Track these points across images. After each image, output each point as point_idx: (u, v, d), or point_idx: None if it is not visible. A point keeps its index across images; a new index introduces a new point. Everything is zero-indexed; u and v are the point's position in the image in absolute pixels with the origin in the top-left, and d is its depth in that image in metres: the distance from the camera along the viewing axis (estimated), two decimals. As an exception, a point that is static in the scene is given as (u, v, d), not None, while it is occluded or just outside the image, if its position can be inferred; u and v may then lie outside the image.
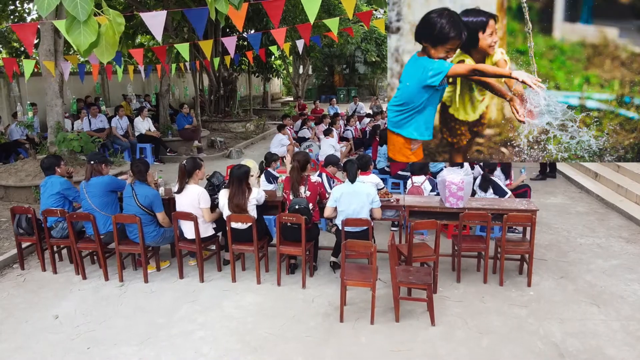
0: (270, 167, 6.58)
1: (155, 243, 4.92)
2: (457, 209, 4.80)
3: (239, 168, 4.79)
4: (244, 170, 4.78)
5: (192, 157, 4.94)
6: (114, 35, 1.93)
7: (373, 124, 11.83)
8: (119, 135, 10.89)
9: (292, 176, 4.91)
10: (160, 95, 12.51)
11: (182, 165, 4.81)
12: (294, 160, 4.93)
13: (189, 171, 4.80)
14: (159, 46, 11.65)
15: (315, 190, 4.89)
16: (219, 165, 10.76)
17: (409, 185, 6.06)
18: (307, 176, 4.92)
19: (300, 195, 4.82)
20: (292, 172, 4.94)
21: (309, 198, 4.81)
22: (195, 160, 4.88)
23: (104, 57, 1.90)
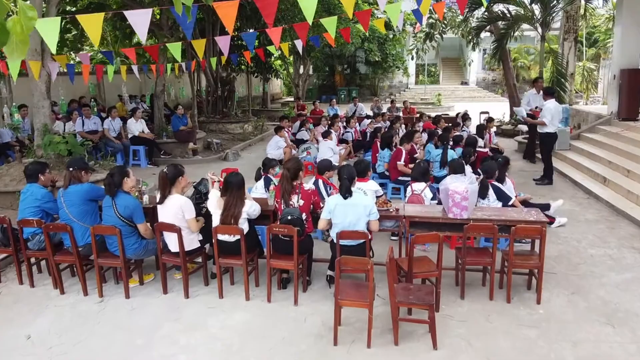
0: (268, 173, 6.27)
1: (137, 256, 4.60)
2: (461, 220, 4.46)
3: (236, 175, 4.47)
4: (240, 177, 4.49)
5: (174, 164, 4.61)
6: (22, 32, 1.59)
7: (374, 126, 11.50)
8: (112, 137, 10.58)
9: (283, 185, 4.57)
10: (155, 96, 12.21)
11: (164, 174, 4.48)
12: (284, 168, 4.60)
13: (170, 179, 4.47)
14: (152, 45, 11.35)
15: (308, 198, 4.56)
16: (214, 168, 10.44)
17: (409, 193, 5.73)
18: (300, 184, 4.59)
19: (293, 204, 4.49)
20: (282, 181, 4.60)
21: (302, 208, 4.49)
22: (177, 167, 4.55)
23: (13, 56, 1.58)
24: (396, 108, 15.05)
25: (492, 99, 28.89)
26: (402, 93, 30.70)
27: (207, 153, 12.10)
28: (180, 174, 4.51)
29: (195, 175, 10.16)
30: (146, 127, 11.04)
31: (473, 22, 15.50)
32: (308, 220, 4.54)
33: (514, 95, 15.31)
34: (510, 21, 12.00)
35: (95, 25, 5.26)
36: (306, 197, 4.54)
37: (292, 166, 4.58)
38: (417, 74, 33.28)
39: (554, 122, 8.81)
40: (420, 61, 24.07)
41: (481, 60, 32.37)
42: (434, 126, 10.31)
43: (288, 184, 4.53)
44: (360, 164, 5.56)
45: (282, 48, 10.61)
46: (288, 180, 4.54)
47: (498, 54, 13.66)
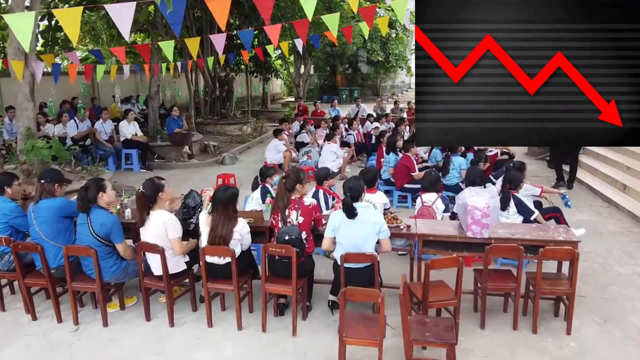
0: (266, 182, 5.75)
1: (116, 279, 4.09)
2: (481, 240, 3.96)
3: (225, 190, 3.94)
4: (231, 193, 3.94)
5: (151, 179, 4.07)
6: None
7: (380, 129, 10.97)
8: (103, 140, 10.09)
9: (280, 200, 4.05)
10: (149, 97, 11.70)
11: (140, 193, 3.96)
12: (281, 179, 4.10)
13: (149, 197, 3.96)
14: (143, 44, 10.84)
15: (309, 215, 4.05)
16: (210, 173, 9.95)
17: (418, 205, 5.21)
18: (300, 198, 4.07)
19: (291, 222, 3.98)
20: (279, 194, 4.08)
21: (301, 225, 3.97)
22: (154, 182, 4.01)
23: None
24: (400, 109, 14.52)
25: (497, 99, 28.31)
26: (404, 93, 30.15)
27: (203, 156, 11.59)
28: (159, 190, 3.98)
29: (191, 180, 9.75)
30: (139, 129, 10.54)
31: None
32: (309, 240, 4.03)
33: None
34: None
35: (72, 20, 4.76)
36: (306, 213, 4.03)
37: (291, 178, 4.06)
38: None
39: None
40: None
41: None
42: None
43: (286, 198, 4.02)
44: (368, 173, 5.06)
45: (281, 47, 10.12)
46: (286, 193, 4.03)
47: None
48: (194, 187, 9.06)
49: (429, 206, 5.04)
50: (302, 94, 23.46)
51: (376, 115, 13.34)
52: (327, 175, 5.37)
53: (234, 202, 3.92)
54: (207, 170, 10.39)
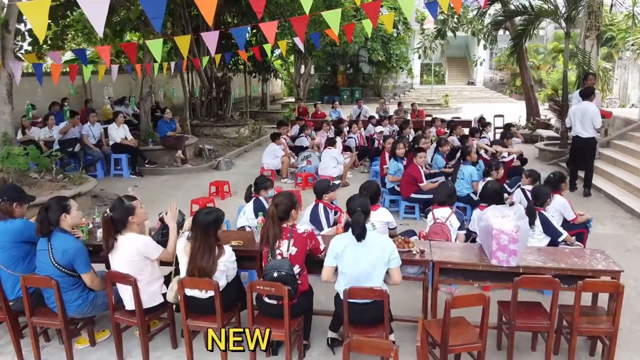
0: (260, 194, 5.20)
1: (83, 314, 3.53)
2: (507, 268, 3.40)
3: (208, 213, 3.37)
4: (214, 216, 3.36)
5: (120, 200, 3.49)
6: None
7: (383, 132, 10.41)
8: (91, 144, 9.53)
9: (269, 228, 3.43)
10: (141, 99, 11.14)
11: (107, 217, 3.40)
12: (271, 204, 3.50)
13: (117, 221, 3.39)
14: (129, 43, 10.28)
15: (303, 245, 3.44)
16: (204, 178, 9.39)
17: (430, 221, 4.64)
18: (293, 225, 3.49)
19: (282, 254, 3.39)
20: (268, 222, 3.46)
21: (294, 258, 3.37)
22: (124, 204, 3.42)
23: None
24: (404, 110, 13.95)
25: (501, 100, 27.77)
26: (406, 93, 29.58)
27: (198, 161, 11.03)
28: (129, 213, 3.40)
29: (184, 187, 9.17)
30: (129, 132, 9.98)
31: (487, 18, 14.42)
32: (303, 274, 3.45)
33: (531, 97, 14.23)
34: (532, 16, 10.92)
35: (39, 14, 4.22)
36: (300, 242, 3.42)
37: (283, 204, 3.45)
38: (422, 74, 32.17)
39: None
40: (428, 60, 22.94)
41: (489, 60, 31.23)
42: (443, 132, 9.24)
43: (276, 227, 3.40)
44: (369, 188, 4.51)
45: (280, 46, 9.57)
46: (276, 221, 3.42)
47: (516, 52, 12.56)
48: (187, 194, 8.58)
49: (442, 223, 4.48)
50: (302, 94, 22.90)
51: (379, 117, 12.78)
52: (328, 187, 4.82)
53: (217, 228, 3.36)
54: (200, 175, 9.83)
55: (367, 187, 4.59)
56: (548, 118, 13.94)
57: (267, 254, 3.40)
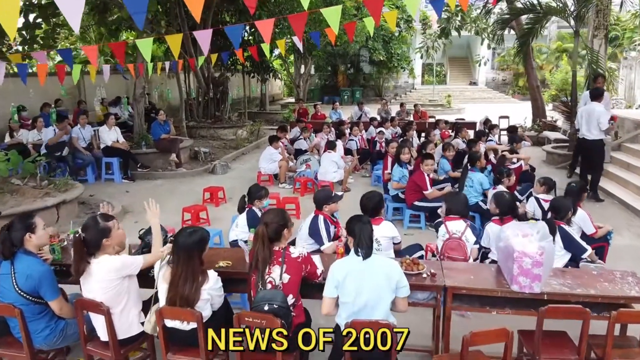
0: (254, 204, 4.80)
1: (51, 345, 3.13)
2: (530, 295, 3.01)
3: (191, 234, 2.97)
4: (198, 237, 2.96)
5: (94, 220, 3.08)
6: None
7: (385, 135, 10.02)
8: (81, 147, 9.14)
9: (258, 254, 2.99)
10: (134, 100, 10.75)
11: (78, 238, 3.00)
12: (261, 222, 3.09)
13: (90, 243, 3.00)
14: (118, 42, 9.90)
15: (298, 271, 3.01)
16: (199, 184, 8.99)
17: (443, 234, 4.23)
18: (286, 248, 3.07)
19: (273, 282, 2.96)
20: (256, 243, 3.02)
21: (287, 286, 2.95)
22: (98, 225, 3.02)
23: None
24: (407, 111, 13.55)
25: (503, 100, 27.36)
26: (407, 94, 29.17)
27: (193, 164, 10.63)
28: (104, 235, 3.01)
29: (177, 192, 8.72)
30: (121, 135, 9.59)
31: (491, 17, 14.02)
32: (298, 304, 3.05)
33: (538, 97, 13.83)
34: (540, 14, 10.52)
35: (9, 10, 3.84)
36: (294, 269, 2.99)
37: (274, 223, 3.03)
38: (423, 74, 31.76)
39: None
40: (431, 59, 22.51)
41: (491, 60, 30.81)
42: (448, 135, 8.85)
43: (266, 250, 2.97)
44: (371, 199, 4.13)
45: (278, 45, 9.18)
46: (266, 243, 2.98)
47: (522, 51, 12.16)
48: (180, 200, 8.19)
49: (458, 238, 4.08)
50: (302, 94, 22.51)
51: (380, 119, 12.38)
52: (328, 198, 4.42)
53: (202, 251, 2.97)
54: (195, 180, 9.44)
55: (370, 197, 4.21)
56: (554, 119, 13.54)
57: (256, 282, 2.99)
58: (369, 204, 4.14)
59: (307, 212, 7.13)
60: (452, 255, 3.94)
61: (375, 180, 8.88)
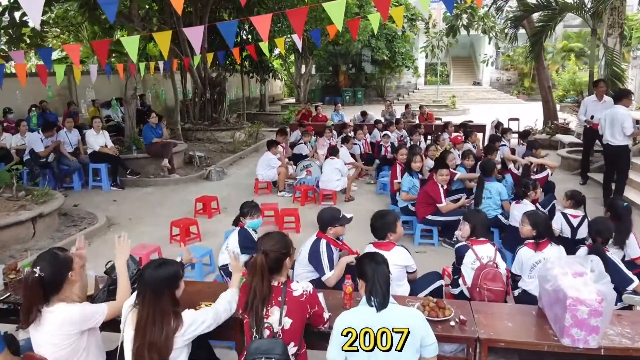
0: (245, 224, 4.23)
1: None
2: (584, 350, 2.42)
3: (159, 268, 2.40)
4: (169, 271, 2.40)
5: (51, 254, 2.51)
6: None
7: (390, 138, 9.43)
8: (67, 153, 8.55)
9: (253, 286, 2.43)
10: (125, 102, 10.17)
11: (35, 279, 2.41)
12: (258, 250, 2.52)
13: (50, 284, 2.42)
14: (101, 40, 9.32)
15: (301, 312, 2.46)
16: (193, 191, 8.41)
17: (471, 262, 3.60)
18: (287, 283, 2.51)
19: (271, 327, 2.39)
20: (251, 276, 2.46)
21: (288, 333, 2.39)
22: (57, 258, 2.46)
23: None
24: (412, 113, 12.95)
25: (508, 101, 26.73)
26: (410, 94, 28.56)
27: (187, 169, 10.06)
28: (67, 269, 2.45)
29: (169, 202, 7.97)
30: (109, 139, 9.00)
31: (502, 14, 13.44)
32: (301, 353, 2.47)
33: (549, 99, 13.24)
34: (555, 11, 9.94)
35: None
36: (297, 311, 2.43)
37: (273, 249, 2.47)
38: (426, 74, 31.15)
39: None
40: (436, 59, 21.95)
41: (495, 59, 30.22)
42: (460, 140, 8.25)
43: (265, 286, 2.42)
44: (380, 218, 3.55)
45: (277, 44, 8.61)
46: (265, 276, 2.43)
47: (535, 50, 11.56)
48: (171, 210, 7.60)
49: (492, 266, 3.48)
50: (302, 95, 21.92)
51: (384, 121, 11.80)
52: (335, 220, 3.84)
53: (174, 287, 2.39)
54: (188, 187, 8.85)
55: (381, 215, 3.62)
56: (567, 122, 12.94)
57: (251, 327, 2.42)
58: (377, 224, 3.57)
59: (307, 225, 6.57)
60: (490, 287, 3.36)
61: (380, 188, 8.30)
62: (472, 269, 3.56)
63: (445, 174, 5.71)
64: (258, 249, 2.46)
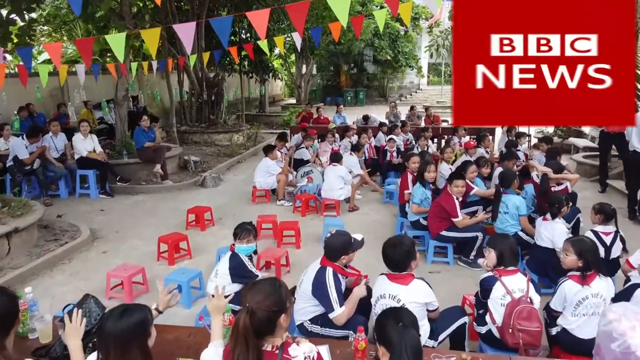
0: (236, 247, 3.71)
1: None
2: None
3: (122, 315, 1.89)
4: (135, 320, 1.91)
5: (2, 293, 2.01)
6: None
7: (396, 142, 8.90)
8: (52, 158, 8.02)
9: (235, 356, 1.87)
10: (116, 103, 9.64)
11: None
12: (243, 306, 1.96)
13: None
14: (85, 38, 8.79)
15: None
16: (186, 200, 7.88)
17: (502, 296, 3.06)
18: (283, 346, 1.94)
19: None
20: (234, 345, 1.89)
21: None
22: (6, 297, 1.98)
23: None
24: (417, 115, 12.39)
25: (514, 102, 26.16)
26: (413, 94, 27.99)
27: (182, 175, 9.53)
28: (15, 312, 1.95)
29: (159, 212, 7.26)
30: (98, 144, 8.47)
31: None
32: None
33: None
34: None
35: None
36: None
37: (262, 306, 1.90)
38: (428, 74, 30.55)
39: None
40: (442, 59, 21.41)
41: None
42: (473, 145, 7.70)
43: (250, 352, 1.86)
44: (396, 247, 3.01)
45: (276, 43, 8.10)
46: (251, 342, 1.86)
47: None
48: (161, 221, 7.04)
49: (526, 302, 2.96)
50: (303, 95, 21.39)
51: (389, 124, 11.26)
52: (348, 246, 3.28)
53: (144, 338, 1.88)
54: (181, 195, 8.32)
55: (396, 244, 3.07)
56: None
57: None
58: (394, 253, 3.03)
59: (308, 239, 6.05)
60: (525, 327, 2.84)
61: (386, 196, 7.77)
62: (502, 305, 3.03)
63: (462, 185, 5.16)
64: (243, 305, 1.91)
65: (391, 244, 3.07)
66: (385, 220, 6.90)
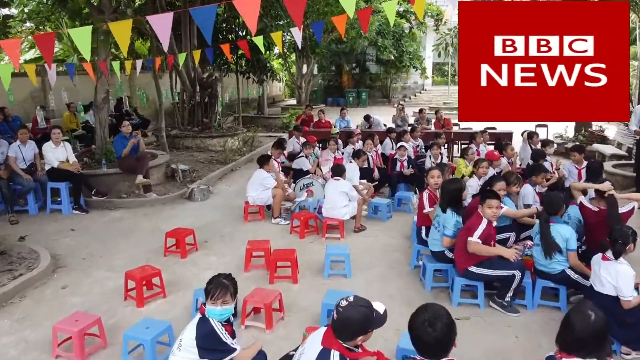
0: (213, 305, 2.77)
1: None
2: None
3: None
4: None
5: None
6: None
7: (406, 150, 7.94)
8: (19, 170, 7.06)
9: None
10: (95, 107, 8.69)
11: None
12: None
13: None
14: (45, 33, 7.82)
15: None
16: (170, 216, 6.95)
17: None
18: None
19: None
20: None
21: None
22: None
23: None
24: (427, 119, 11.41)
25: (522, 103, 25.21)
26: (417, 95, 27.02)
27: (169, 186, 8.56)
28: None
29: (137, 232, 6.19)
30: (72, 153, 7.52)
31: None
32: None
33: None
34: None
35: None
36: None
37: None
38: (433, 74, 29.56)
39: None
40: (449, 58, 20.45)
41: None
42: (498, 156, 6.74)
43: None
44: (438, 330, 2.08)
45: (274, 39, 7.17)
46: None
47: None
48: (137, 245, 5.81)
49: None
50: (304, 96, 20.45)
51: (396, 128, 10.31)
52: (367, 325, 2.30)
53: None
54: (165, 211, 7.36)
55: (430, 320, 2.12)
56: (602, 128, 11.42)
57: None
58: (427, 338, 2.09)
59: (307, 271, 5.09)
60: None
61: (397, 204, 6.82)
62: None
63: (496, 206, 4.19)
64: None
65: (421, 323, 2.12)
66: (396, 243, 5.94)
